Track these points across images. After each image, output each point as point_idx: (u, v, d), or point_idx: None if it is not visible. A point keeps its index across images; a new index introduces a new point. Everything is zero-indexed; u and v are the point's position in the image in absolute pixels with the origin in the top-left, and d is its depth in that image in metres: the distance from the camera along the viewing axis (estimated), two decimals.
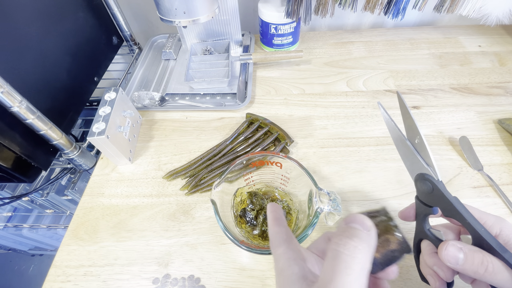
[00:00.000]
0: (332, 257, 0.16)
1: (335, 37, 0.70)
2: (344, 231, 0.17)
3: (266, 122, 0.50)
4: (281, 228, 0.22)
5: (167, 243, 0.39)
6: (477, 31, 0.68)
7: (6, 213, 0.84)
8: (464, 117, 0.51)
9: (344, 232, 0.17)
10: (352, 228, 0.17)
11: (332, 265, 0.15)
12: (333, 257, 0.16)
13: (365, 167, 0.45)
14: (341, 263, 0.15)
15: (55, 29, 0.49)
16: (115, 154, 0.45)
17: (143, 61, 0.67)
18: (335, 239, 0.17)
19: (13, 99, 0.36)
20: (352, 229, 0.17)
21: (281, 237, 0.21)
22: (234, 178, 0.38)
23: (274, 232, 0.22)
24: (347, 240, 0.16)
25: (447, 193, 0.23)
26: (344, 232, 0.17)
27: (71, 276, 0.37)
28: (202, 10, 0.49)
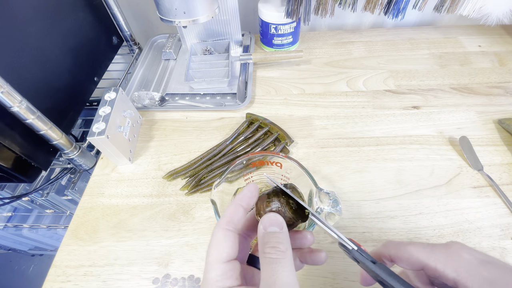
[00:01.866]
0: (268, 263, 0.18)
1: (335, 37, 0.70)
2: (267, 241, 0.19)
3: (266, 122, 0.50)
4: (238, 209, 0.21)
5: (167, 243, 0.39)
6: (477, 31, 0.68)
7: (6, 213, 0.84)
8: (464, 117, 0.51)
9: (268, 241, 0.19)
10: (271, 233, 0.20)
11: (271, 269, 0.18)
12: (270, 263, 0.18)
13: (365, 167, 0.45)
14: (278, 265, 0.18)
15: (55, 29, 0.49)
16: (115, 154, 0.45)
17: (143, 61, 0.67)
18: (265, 249, 0.19)
19: (13, 99, 0.36)
20: (271, 234, 0.20)
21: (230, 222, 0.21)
22: (234, 178, 0.38)
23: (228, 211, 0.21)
24: (274, 249, 0.19)
25: (365, 261, 0.20)
26: (268, 241, 0.19)
27: (71, 276, 0.37)
28: (202, 10, 0.49)
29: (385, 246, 0.23)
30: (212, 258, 0.19)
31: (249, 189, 0.22)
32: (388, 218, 0.40)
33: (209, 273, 0.19)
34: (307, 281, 0.35)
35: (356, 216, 0.40)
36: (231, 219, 0.21)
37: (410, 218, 0.39)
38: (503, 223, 0.38)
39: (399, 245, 0.22)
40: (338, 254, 0.37)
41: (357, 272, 0.35)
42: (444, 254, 0.20)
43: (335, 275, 0.35)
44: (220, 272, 0.19)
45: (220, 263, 0.19)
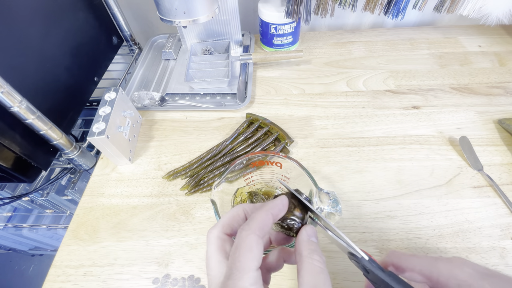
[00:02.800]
0: (318, 273, 0.19)
1: (335, 37, 0.70)
2: (315, 249, 0.21)
3: (266, 122, 0.50)
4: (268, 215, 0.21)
5: (167, 243, 0.39)
6: (477, 31, 0.68)
7: (6, 213, 0.84)
8: (464, 117, 0.51)
9: (315, 250, 0.20)
10: (315, 243, 0.21)
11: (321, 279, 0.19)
12: (320, 273, 0.19)
13: (365, 167, 0.45)
14: (326, 276, 0.19)
15: (55, 29, 0.49)
16: (115, 154, 0.45)
17: (143, 61, 0.67)
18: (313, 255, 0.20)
19: (13, 99, 0.36)
20: (315, 244, 0.21)
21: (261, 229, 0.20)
22: (234, 178, 0.38)
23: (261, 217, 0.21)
24: (321, 258, 0.20)
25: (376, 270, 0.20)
26: (315, 250, 0.20)
27: (71, 276, 0.37)
28: (202, 10, 0.49)
29: (389, 256, 0.23)
30: (245, 265, 0.18)
31: (282, 201, 0.22)
32: (388, 218, 0.40)
33: (240, 281, 0.18)
34: None
35: (356, 216, 0.40)
36: (263, 226, 0.20)
37: (410, 218, 0.39)
38: (503, 223, 0.38)
39: (402, 256, 0.23)
40: (338, 254, 0.37)
41: (357, 272, 0.35)
42: (447, 267, 0.20)
43: (335, 275, 0.35)
44: (253, 281, 0.18)
45: (253, 271, 0.18)
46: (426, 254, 0.36)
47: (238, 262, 0.18)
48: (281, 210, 0.22)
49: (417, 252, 0.36)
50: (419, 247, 0.37)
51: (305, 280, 0.18)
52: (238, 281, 0.18)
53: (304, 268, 0.19)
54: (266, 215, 0.20)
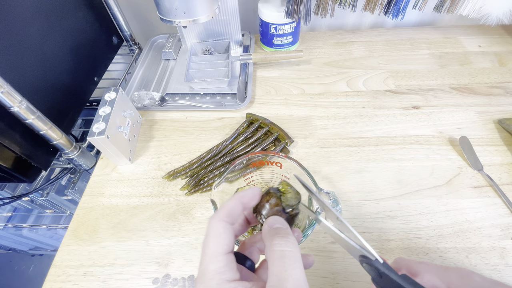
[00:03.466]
0: (279, 257, 0.18)
1: (335, 37, 0.70)
2: (275, 233, 0.19)
3: (266, 122, 0.50)
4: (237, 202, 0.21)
5: (167, 243, 0.39)
6: (477, 31, 0.68)
7: (6, 213, 0.84)
8: (464, 117, 0.51)
9: (276, 234, 0.19)
10: (278, 228, 0.20)
11: (282, 264, 0.17)
12: (281, 257, 0.18)
13: (365, 167, 0.45)
14: (289, 260, 0.18)
15: (55, 29, 0.49)
16: (115, 154, 0.45)
17: (143, 61, 0.67)
18: (273, 241, 0.19)
19: (13, 99, 0.36)
20: (279, 229, 0.20)
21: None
22: (234, 178, 0.38)
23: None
24: (284, 239, 0.19)
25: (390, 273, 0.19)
26: (276, 234, 0.19)
27: (71, 276, 0.37)
28: (202, 10, 0.49)
29: (397, 263, 0.23)
30: (212, 250, 0.19)
31: (253, 191, 0.22)
32: (388, 218, 0.40)
33: (209, 265, 0.18)
34: (307, 281, 0.35)
35: (356, 216, 0.40)
36: (230, 213, 0.21)
37: (410, 218, 0.39)
38: (503, 223, 0.38)
39: (410, 262, 0.22)
40: (338, 254, 0.37)
41: (357, 272, 0.35)
42: (457, 276, 0.20)
43: (335, 275, 0.35)
44: (222, 264, 0.18)
45: (222, 254, 0.19)
46: (432, 261, 0.36)
47: (207, 249, 0.19)
48: (251, 199, 0.22)
49: (417, 252, 0.36)
50: (419, 247, 0.37)
51: (270, 270, 0.18)
52: (207, 265, 0.18)
53: (267, 258, 0.19)
54: (234, 203, 0.21)
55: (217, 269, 0.18)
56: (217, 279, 0.18)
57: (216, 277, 0.18)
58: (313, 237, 0.38)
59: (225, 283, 0.18)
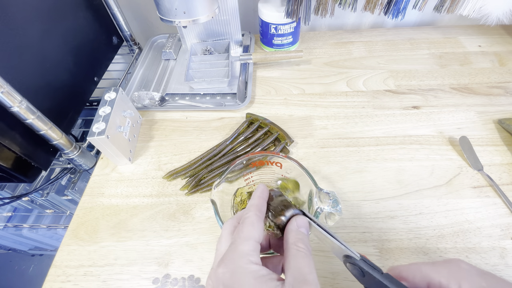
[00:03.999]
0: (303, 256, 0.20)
1: (335, 37, 0.70)
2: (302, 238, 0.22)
3: (266, 122, 0.50)
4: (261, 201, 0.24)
5: (167, 243, 0.39)
6: (477, 31, 0.68)
7: (6, 213, 0.84)
8: (464, 117, 0.51)
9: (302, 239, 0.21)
10: (303, 233, 0.22)
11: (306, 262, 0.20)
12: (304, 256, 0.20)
13: (365, 167, 0.45)
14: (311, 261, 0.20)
15: (55, 29, 0.49)
16: (115, 154, 0.45)
17: (143, 61, 0.67)
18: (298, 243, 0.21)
19: (13, 99, 0.36)
20: (303, 234, 0.22)
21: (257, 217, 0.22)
22: (234, 178, 0.38)
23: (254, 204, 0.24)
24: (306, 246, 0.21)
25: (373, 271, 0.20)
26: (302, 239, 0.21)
27: (71, 276, 0.37)
28: (202, 10, 0.49)
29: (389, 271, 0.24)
30: (246, 234, 0.21)
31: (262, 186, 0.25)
32: (388, 218, 0.40)
33: (240, 245, 0.20)
34: None
35: (356, 216, 0.40)
36: (261, 208, 0.23)
37: (410, 218, 0.39)
38: (503, 223, 0.38)
39: (401, 267, 0.23)
40: None
41: None
42: (446, 268, 0.21)
43: (335, 275, 0.35)
44: (252, 248, 0.20)
45: (253, 240, 0.21)
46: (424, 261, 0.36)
47: (241, 233, 0.21)
48: (264, 192, 0.25)
49: (417, 252, 0.36)
50: (419, 247, 0.37)
51: (290, 265, 0.20)
52: (239, 245, 0.20)
53: (289, 254, 0.20)
54: (258, 199, 0.24)
55: (247, 251, 0.20)
56: (245, 259, 0.19)
57: (245, 257, 0.20)
58: (313, 237, 0.38)
59: (251, 264, 0.19)
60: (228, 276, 0.19)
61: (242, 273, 0.19)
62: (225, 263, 0.20)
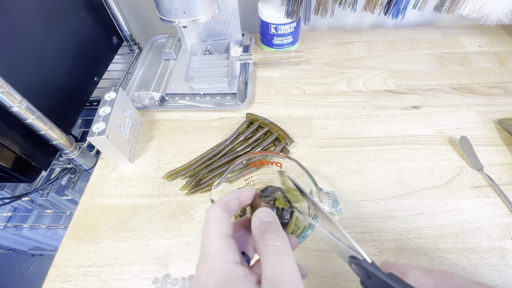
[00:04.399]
0: (272, 252, 0.18)
1: (335, 37, 0.70)
2: (267, 228, 0.20)
3: (266, 122, 0.50)
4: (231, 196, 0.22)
5: (167, 243, 0.39)
6: (477, 31, 0.68)
7: (6, 213, 0.84)
8: (464, 117, 0.51)
9: (267, 229, 0.20)
10: (268, 222, 0.21)
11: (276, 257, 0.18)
12: (274, 251, 0.18)
13: (365, 167, 0.45)
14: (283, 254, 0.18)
15: (55, 29, 0.49)
16: (115, 154, 0.45)
17: (143, 61, 0.67)
18: (265, 236, 0.19)
19: (13, 99, 0.36)
20: (268, 223, 0.20)
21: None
22: (234, 178, 0.38)
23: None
24: (276, 235, 0.19)
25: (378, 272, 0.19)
26: (267, 229, 0.20)
27: (71, 276, 0.37)
28: (202, 10, 0.49)
29: (382, 266, 0.24)
30: (214, 233, 0.20)
31: (249, 190, 0.24)
32: (388, 218, 0.40)
33: (211, 246, 0.19)
34: (307, 281, 0.35)
35: (356, 216, 0.40)
36: (228, 203, 0.22)
37: (410, 218, 0.39)
38: (503, 223, 0.38)
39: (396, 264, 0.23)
40: None
41: None
42: (440, 276, 0.21)
43: (335, 275, 0.35)
44: (224, 245, 0.19)
45: (223, 237, 0.19)
46: (432, 261, 0.36)
47: (208, 232, 0.20)
48: (247, 198, 0.23)
49: (417, 252, 0.36)
50: (419, 247, 0.37)
51: (263, 265, 0.18)
52: (210, 246, 0.19)
53: (259, 252, 0.19)
54: (232, 196, 0.23)
55: (220, 250, 0.19)
56: (219, 259, 0.18)
57: (218, 256, 0.19)
58: (313, 237, 0.38)
59: (227, 263, 0.18)
60: (205, 278, 0.18)
61: (217, 274, 0.18)
62: (201, 266, 0.19)
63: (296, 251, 0.38)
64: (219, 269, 0.18)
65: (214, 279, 0.18)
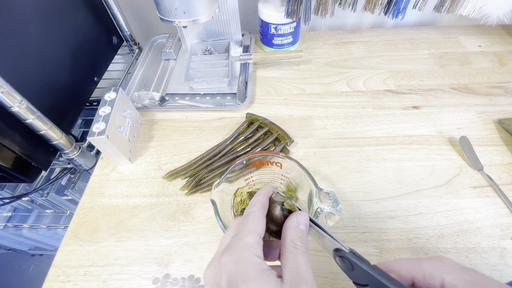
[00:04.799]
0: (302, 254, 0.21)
1: (335, 37, 0.70)
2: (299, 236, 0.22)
3: (266, 122, 0.50)
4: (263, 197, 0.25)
5: (167, 243, 0.39)
6: (477, 31, 0.68)
7: (6, 213, 0.84)
8: (464, 117, 0.51)
9: (299, 237, 0.22)
10: (302, 230, 0.23)
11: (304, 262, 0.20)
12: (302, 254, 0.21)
13: (365, 167, 0.45)
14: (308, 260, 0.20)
15: (55, 29, 0.49)
16: (115, 154, 0.45)
17: (143, 61, 0.67)
18: (296, 241, 0.21)
19: (13, 99, 0.36)
20: (302, 231, 0.22)
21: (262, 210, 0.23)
22: (234, 178, 0.38)
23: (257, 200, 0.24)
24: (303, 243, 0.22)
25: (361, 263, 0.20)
26: (299, 237, 0.22)
27: (71, 276, 0.37)
28: (202, 10, 0.49)
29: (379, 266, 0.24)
30: (251, 227, 0.21)
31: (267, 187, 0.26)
32: (388, 218, 0.40)
33: (246, 237, 0.21)
34: None
35: (356, 216, 0.40)
36: (264, 205, 0.24)
37: (410, 218, 0.39)
38: (503, 223, 0.38)
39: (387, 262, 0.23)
40: None
41: None
42: (430, 263, 0.22)
43: (335, 275, 0.35)
44: (256, 241, 0.21)
45: (257, 234, 0.21)
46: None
47: (246, 226, 0.22)
48: (269, 192, 0.26)
49: (417, 252, 0.36)
50: (419, 247, 0.37)
51: (288, 262, 0.20)
52: (244, 237, 0.21)
53: (287, 251, 0.21)
54: (263, 196, 0.25)
55: (251, 243, 0.20)
56: (249, 251, 0.20)
57: (249, 248, 0.20)
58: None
59: (255, 256, 0.20)
60: (232, 265, 0.19)
61: (246, 263, 0.19)
62: (229, 252, 0.20)
63: None
64: (248, 260, 0.19)
65: (241, 269, 0.19)
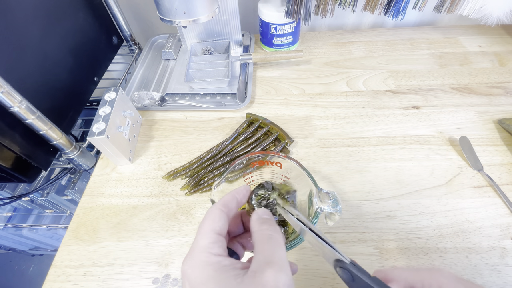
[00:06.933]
0: (267, 239, 0.20)
1: (335, 37, 0.70)
2: (264, 221, 0.22)
3: (266, 122, 0.50)
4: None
5: (167, 243, 0.39)
6: (477, 31, 0.68)
7: (6, 213, 0.84)
8: (464, 117, 0.51)
9: (265, 222, 0.22)
10: (266, 218, 0.23)
11: (270, 244, 0.20)
12: (268, 239, 0.20)
13: (365, 167, 0.45)
14: (276, 242, 0.20)
15: (55, 29, 0.49)
16: (115, 154, 0.45)
17: (143, 61, 0.67)
18: (262, 226, 0.22)
19: (13, 99, 0.36)
20: (267, 219, 0.23)
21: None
22: (234, 178, 0.38)
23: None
24: (272, 227, 0.22)
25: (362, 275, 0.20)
26: (265, 222, 0.22)
27: (71, 276, 0.37)
28: (202, 10, 0.49)
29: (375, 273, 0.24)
30: (206, 229, 0.21)
31: (245, 188, 0.26)
32: (388, 218, 0.40)
33: (201, 241, 0.20)
34: (307, 281, 0.35)
35: (356, 216, 0.40)
36: (227, 204, 0.23)
37: (410, 218, 0.39)
38: (503, 223, 0.38)
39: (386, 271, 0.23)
40: None
41: None
42: (428, 273, 0.22)
43: (335, 275, 0.35)
44: (212, 240, 0.20)
45: (213, 233, 0.21)
46: (432, 261, 0.36)
47: (201, 228, 0.21)
48: (244, 195, 0.25)
49: (417, 252, 0.36)
50: (419, 247, 0.37)
51: (257, 249, 0.20)
52: (198, 241, 0.21)
53: (254, 241, 0.21)
54: (231, 197, 0.24)
55: (207, 245, 0.20)
56: (205, 253, 0.20)
57: (205, 251, 0.20)
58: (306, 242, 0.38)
59: (212, 256, 0.20)
60: (190, 271, 0.19)
61: (202, 266, 0.19)
62: (186, 260, 0.20)
63: (297, 251, 0.38)
64: (204, 262, 0.19)
65: (199, 272, 0.19)
